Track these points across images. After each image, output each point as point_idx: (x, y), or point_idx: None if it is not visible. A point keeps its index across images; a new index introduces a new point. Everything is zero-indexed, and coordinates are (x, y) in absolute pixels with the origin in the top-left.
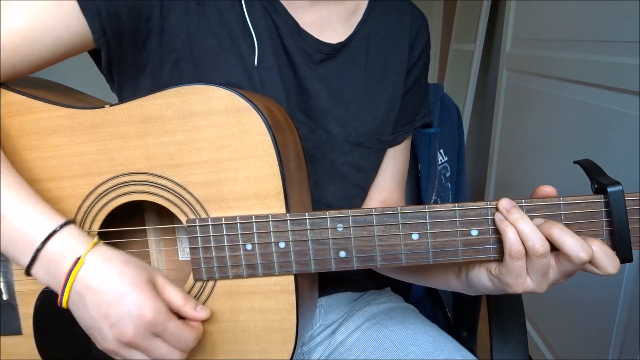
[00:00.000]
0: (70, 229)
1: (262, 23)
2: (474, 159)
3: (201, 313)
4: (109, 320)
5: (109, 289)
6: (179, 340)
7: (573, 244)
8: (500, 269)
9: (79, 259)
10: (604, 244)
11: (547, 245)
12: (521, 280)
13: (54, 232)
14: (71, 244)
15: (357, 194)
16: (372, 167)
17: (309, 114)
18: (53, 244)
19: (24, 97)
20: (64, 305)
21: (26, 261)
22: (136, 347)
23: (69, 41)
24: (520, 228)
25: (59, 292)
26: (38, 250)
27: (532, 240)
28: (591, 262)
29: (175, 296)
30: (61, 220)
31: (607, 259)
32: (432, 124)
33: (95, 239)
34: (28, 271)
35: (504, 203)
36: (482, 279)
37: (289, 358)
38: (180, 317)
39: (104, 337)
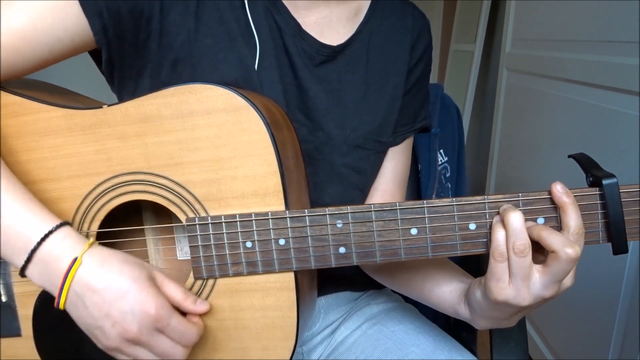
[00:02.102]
0: (66, 230)
1: (263, 23)
2: (474, 159)
3: (201, 307)
4: (111, 319)
5: (109, 287)
6: (182, 336)
7: (560, 240)
8: (487, 274)
9: (75, 259)
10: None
11: (527, 244)
12: (502, 284)
13: (50, 232)
14: (67, 245)
15: (356, 196)
16: (372, 169)
17: (308, 114)
18: (49, 245)
19: (21, 99)
20: (61, 306)
21: (21, 262)
22: (140, 344)
23: (70, 41)
24: (508, 222)
25: (56, 294)
26: (33, 251)
27: (514, 237)
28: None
29: (175, 291)
30: (57, 222)
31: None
32: (431, 128)
33: (92, 239)
34: (23, 272)
35: (506, 206)
36: (475, 291)
37: (290, 354)
38: (181, 313)
39: (107, 335)
